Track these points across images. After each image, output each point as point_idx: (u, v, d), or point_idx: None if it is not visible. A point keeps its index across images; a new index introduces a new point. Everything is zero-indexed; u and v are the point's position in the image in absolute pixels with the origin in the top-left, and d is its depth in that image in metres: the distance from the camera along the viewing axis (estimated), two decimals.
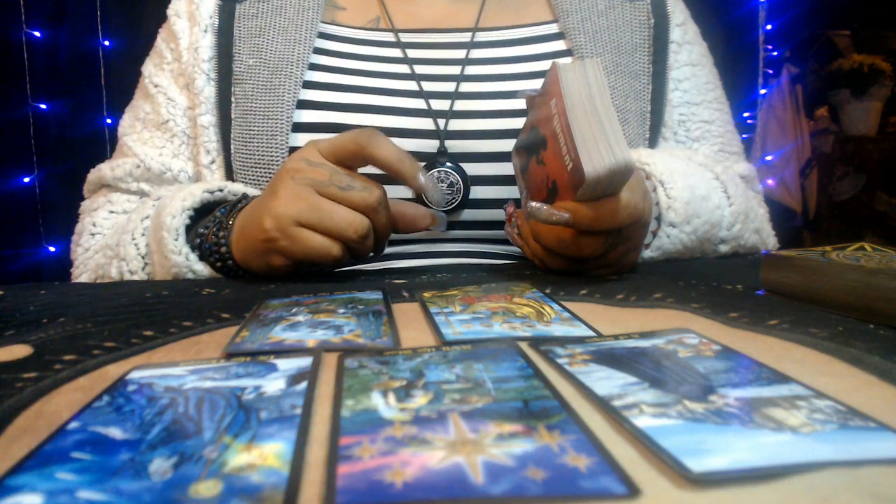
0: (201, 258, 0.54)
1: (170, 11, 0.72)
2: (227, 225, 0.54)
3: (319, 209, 0.47)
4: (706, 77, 0.75)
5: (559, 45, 0.71)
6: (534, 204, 0.47)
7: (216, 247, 0.53)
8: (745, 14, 2.15)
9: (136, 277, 0.56)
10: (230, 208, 0.55)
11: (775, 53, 2.41)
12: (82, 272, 0.65)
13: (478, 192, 0.64)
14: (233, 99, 0.66)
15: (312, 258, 0.48)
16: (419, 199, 0.60)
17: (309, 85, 0.65)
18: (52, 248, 1.28)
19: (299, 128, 0.63)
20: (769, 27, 2.24)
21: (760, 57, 2.22)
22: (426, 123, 0.65)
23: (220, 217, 0.55)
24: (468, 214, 0.65)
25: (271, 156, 0.63)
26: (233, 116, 0.65)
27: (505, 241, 0.67)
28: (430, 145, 0.64)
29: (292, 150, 0.62)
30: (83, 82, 1.33)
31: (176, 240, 0.53)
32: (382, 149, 0.48)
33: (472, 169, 0.64)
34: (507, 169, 0.59)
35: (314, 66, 0.66)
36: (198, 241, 0.54)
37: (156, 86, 0.70)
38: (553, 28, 0.72)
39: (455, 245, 0.67)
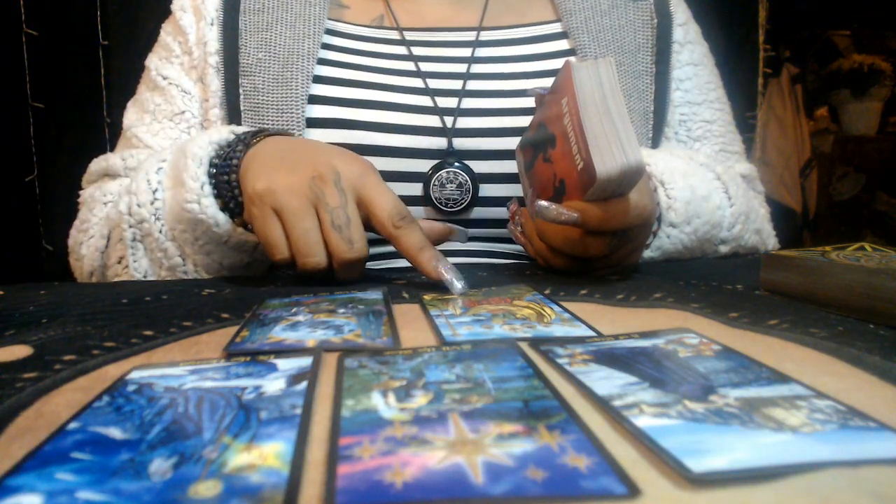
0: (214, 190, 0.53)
1: (174, 6, 0.72)
2: (251, 142, 0.52)
3: (301, 219, 0.46)
4: (707, 77, 0.75)
5: (562, 45, 0.71)
6: (542, 203, 0.47)
7: (229, 158, 0.52)
8: (745, 14, 2.14)
9: (143, 211, 0.54)
10: (261, 134, 0.54)
11: (774, 53, 2.40)
12: (91, 236, 0.62)
13: (486, 189, 0.64)
14: (241, 92, 0.66)
15: (261, 242, 0.48)
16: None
17: (318, 80, 0.65)
18: (50, 248, 1.28)
19: (311, 123, 0.63)
20: (769, 27, 2.23)
21: (760, 57, 2.21)
22: (433, 121, 0.65)
23: (244, 139, 0.54)
24: (477, 213, 0.65)
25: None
26: (242, 109, 0.65)
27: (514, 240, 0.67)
28: (437, 142, 0.64)
29: None
30: (83, 82, 1.33)
31: (198, 167, 0.52)
32: (405, 240, 0.46)
33: (479, 167, 0.64)
34: (515, 167, 0.59)
35: (322, 61, 0.66)
36: (213, 170, 0.53)
37: (165, 78, 0.69)
38: (556, 27, 0.72)
39: (463, 244, 0.67)
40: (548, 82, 0.51)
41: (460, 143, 0.64)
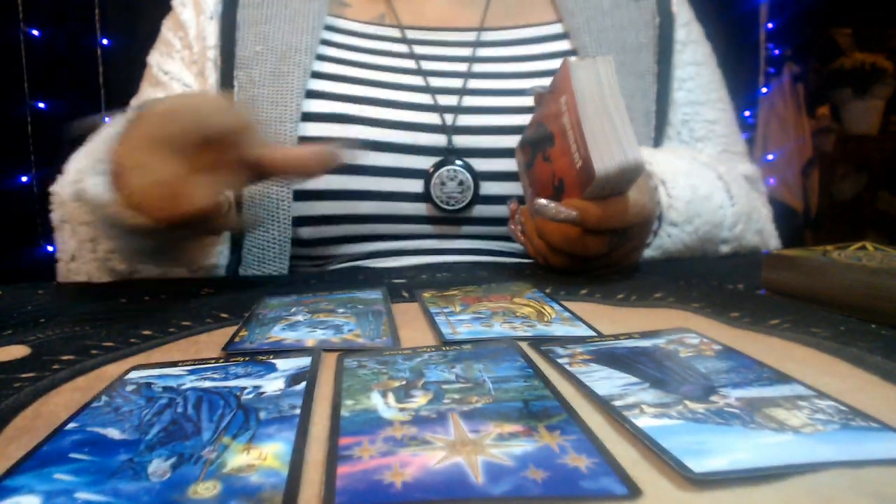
0: None
1: (175, 2, 0.72)
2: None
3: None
4: (710, 77, 0.75)
5: (564, 46, 0.71)
6: (541, 201, 0.46)
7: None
8: (747, 12, 2.14)
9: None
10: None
11: (776, 52, 2.40)
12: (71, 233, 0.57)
13: (487, 188, 0.64)
14: (236, 83, 0.65)
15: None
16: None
17: (317, 75, 0.65)
18: (49, 248, 1.28)
19: (308, 117, 0.63)
20: (770, 25, 2.23)
21: (762, 55, 2.21)
22: (433, 118, 0.65)
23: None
24: (478, 211, 0.65)
25: (280, 143, 0.62)
26: (237, 101, 0.65)
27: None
28: (437, 140, 0.64)
29: (301, 139, 0.62)
30: (82, 81, 1.33)
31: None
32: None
33: (480, 165, 0.64)
34: (515, 165, 0.59)
35: (321, 57, 0.66)
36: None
37: (166, 73, 0.69)
38: (558, 28, 0.72)
39: (465, 242, 0.66)
40: (548, 82, 0.51)
41: (460, 140, 0.64)
